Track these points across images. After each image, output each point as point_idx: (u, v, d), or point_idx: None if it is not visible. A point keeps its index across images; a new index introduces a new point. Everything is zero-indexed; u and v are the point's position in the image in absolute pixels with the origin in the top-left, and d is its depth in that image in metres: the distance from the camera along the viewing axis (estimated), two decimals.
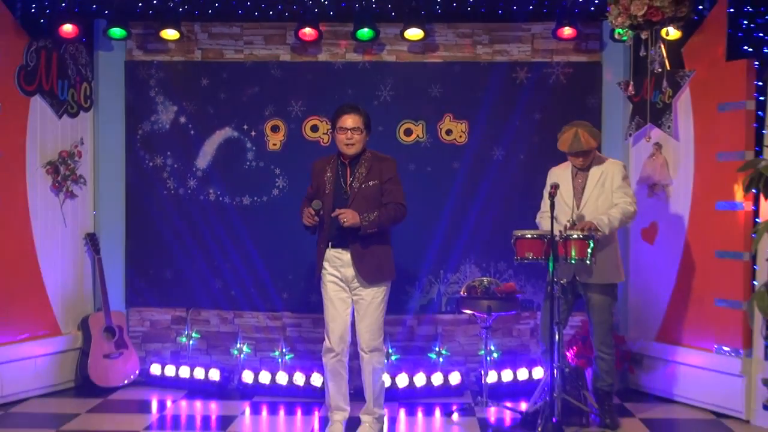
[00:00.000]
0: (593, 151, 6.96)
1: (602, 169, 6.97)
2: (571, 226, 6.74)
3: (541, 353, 7.30)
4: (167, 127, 8.50)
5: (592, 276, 6.90)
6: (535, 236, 6.72)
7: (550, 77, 8.38)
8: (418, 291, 8.34)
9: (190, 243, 8.45)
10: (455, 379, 8.05)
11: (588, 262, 6.61)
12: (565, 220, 6.81)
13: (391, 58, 8.43)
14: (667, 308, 7.90)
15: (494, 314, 7.43)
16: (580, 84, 8.37)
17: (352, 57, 8.44)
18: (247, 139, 8.44)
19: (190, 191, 8.49)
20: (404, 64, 8.42)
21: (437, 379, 8.00)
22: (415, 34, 8.11)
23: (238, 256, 8.42)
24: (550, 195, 6.62)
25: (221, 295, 8.48)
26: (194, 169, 8.49)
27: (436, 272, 8.38)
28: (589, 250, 6.57)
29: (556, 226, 6.62)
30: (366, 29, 8.09)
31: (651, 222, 8.05)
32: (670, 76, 7.55)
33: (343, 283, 6.64)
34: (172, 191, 8.50)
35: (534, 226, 7.18)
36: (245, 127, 8.44)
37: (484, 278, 7.68)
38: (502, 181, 8.33)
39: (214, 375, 8.13)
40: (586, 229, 6.57)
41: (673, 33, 7.05)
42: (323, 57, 8.46)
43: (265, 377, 8.05)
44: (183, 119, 8.49)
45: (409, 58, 8.43)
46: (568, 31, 8.10)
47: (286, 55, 8.47)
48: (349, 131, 6.55)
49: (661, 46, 7.05)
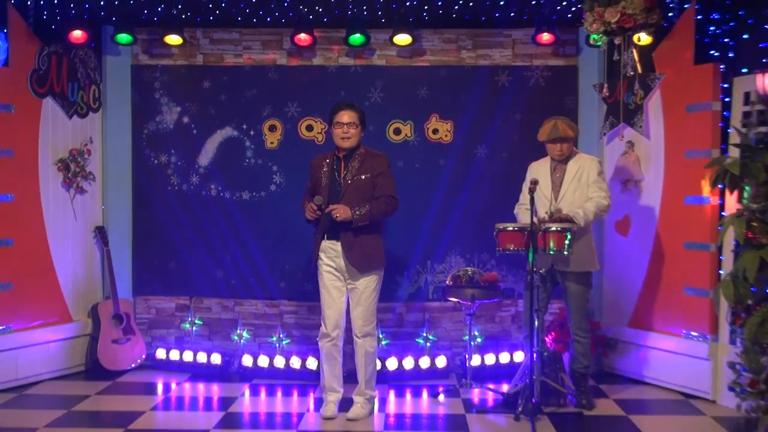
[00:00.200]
0: (570, 142, 7.01)
1: (579, 164, 7.01)
2: (549, 217, 6.80)
3: (524, 338, 7.35)
4: (171, 126, 8.53)
5: (569, 265, 6.95)
6: (516, 229, 6.76)
7: (530, 80, 8.42)
8: (407, 280, 8.38)
9: (192, 235, 8.48)
10: (441, 362, 8.09)
11: (566, 252, 6.66)
12: (543, 211, 6.88)
13: (381, 62, 8.46)
14: (639, 296, 7.94)
15: (478, 302, 7.48)
16: (558, 86, 8.41)
17: (345, 61, 8.47)
18: (246, 138, 8.47)
19: (192, 187, 8.52)
20: (393, 68, 8.44)
21: (425, 363, 8.04)
22: (403, 39, 8.16)
23: (238, 248, 8.44)
24: (530, 191, 6.66)
25: (222, 284, 8.50)
26: (197, 166, 8.51)
27: (424, 263, 8.42)
28: (567, 242, 6.62)
29: (535, 218, 6.69)
30: (358, 35, 8.12)
31: (624, 215, 8.09)
32: (641, 79, 7.61)
33: (338, 273, 6.70)
34: (176, 187, 8.53)
35: (514, 218, 7.25)
36: (244, 127, 8.47)
37: (469, 268, 7.72)
38: (485, 178, 8.38)
39: (216, 359, 8.16)
40: (563, 221, 6.64)
41: (644, 39, 7.10)
42: (317, 61, 8.48)
43: (263, 361, 8.08)
44: (186, 119, 8.51)
45: (398, 62, 8.45)
46: (546, 37, 8.14)
47: (282, 59, 8.50)
48: (345, 126, 6.61)
49: (633, 51, 7.11)
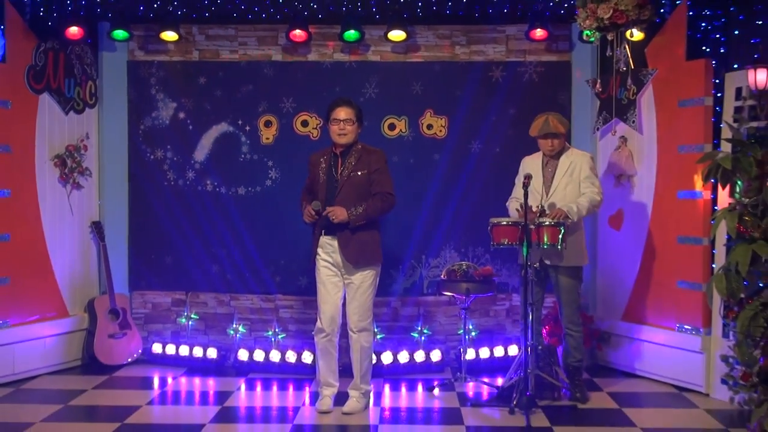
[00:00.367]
0: (562, 137, 7.00)
1: (571, 160, 7.01)
2: (541, 212, 6.78)
3: (521, 331, 7.34)
4: (167, 122, 8.49)
5: (559, 259, 6.95)
6: (510, 223, 6.76)
7: (524, 76, 8.40)
8: (402, 275, 8.36)
9: (188, 230, 8.45)
10: (436, 356, 8.08)
11: (559, 247, 6.65)
12: (535, 206, 6.86)
13: (376, 58, 8.44)
14: (632, 290, 7.94)
15: (472, 296, 7.47)
16: (551, 82, 8.39)
17: (340, 57, 8.44)
18: (241, 134, 8.44)
19: (188, 182, 8.49)
20: (388, 64, 8.42)
21: (419, 357, 8.03)
22: (397, 35, 8.13)
23: (234, 243, 8.41)
24: (524, 185, 6.65)
25: (218, 278, 8.48)
26: (192, 162, 8.48)
27: (419, 257, 8.40)
28: (560, 236, 6.61)
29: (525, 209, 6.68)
30: (352, 31, 8.10)
31: (617, 210, 8.08)
32: (634, 75, 7.61)
33: (335, 268, 6.69)
34: (172, 182, 8.50)
35: (507, 212, 7.23)
36: (240, 123, 8.44)
37: (463, 262, 7.70)
38: (480, 173, 8.36)
39: (212, 353, 8.15)
40: (558, 216, 6.63)
41: (637, 34, 7.06)
42: (312, 57, 8.46)
43: (259, 355, 8.07)
44: (182, 115, 8.48)
45: (393, 58, 8.43)
46: (539, 33, 8.12)
47: (277, 55, 8.47)
48: (342, 122, 6.60)
49: (626, 47, 7.07)
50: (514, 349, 8.10)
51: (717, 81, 7.22)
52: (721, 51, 7.26)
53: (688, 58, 7.38)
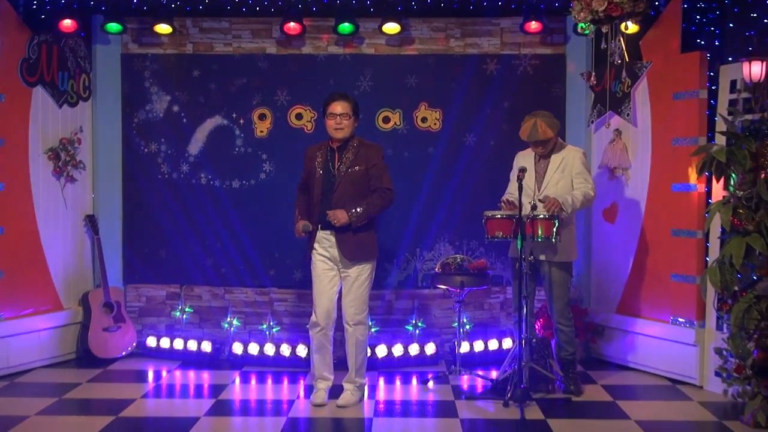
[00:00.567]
0: (551, 140, 6.99)
1: (563, 156, 7.01)
2: (533, 207, 6.76)
3: (514, 324, 7.34)
4: (161, 115, 8.48)
5: (549, 254, 6.96)
6: (505, 216, 6.76)
7: (518, 68, 8.39)
8: (396, 268, 8.36)
9: (183, 224, 8.43)
10: (431, 349, 8.09)
11: (553, 240, 6.66)
12: (527, 202, 6.85)
13: (370, 51, 8.42)
14: (626, 283, 7.94)
15: (467, 289, 7.49)
16: (546, 75, 8.39)
17: (334, 50, 8.43)
18: (235, 127, 8.43)
19: (182, 175, 8.47)
20: (382, 57, 8.41)
21: (414, 350, 8.03)
22: (392, 28, 8.12)
23: (228, 236, 8.40)
24: (518, 179, 6.65)
25: (212, 272, 8.47)
26: (186, 155, 8.46)
27: (413, 250, 8.40)
28: (555, 229, 6.62)
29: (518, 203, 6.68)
30: (346, 24, 8.09)
31: (612, 203, 8.08)
32: (628, 67, 7.59)
33: (332, 263, 6.69)
34: (166, 175, 8.48)
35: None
36: (234, 116, 8.42)
37: (458, 255, 7.72)
38: (474, 166, 8.36)
39: (206, 347, 8.15)
40: (553, 208, 6.62)
41: (631, 27, 7.08)
42: (307, 50, 8.44)
43: (253, 348, 8.07)
44: (176, 108, 8.46)
45: (387, 51, 8.42)
46: (534, 26, 8.11)
47: (272, 48, 8.46)
48: (338, 117, 6.58)
49: (621, 40, 7.08)
50: (508, 342, 8.11)
51: (711, 74, 7.22)
52: (716, 43, 7.27)
53: (683, 51, 7.37)
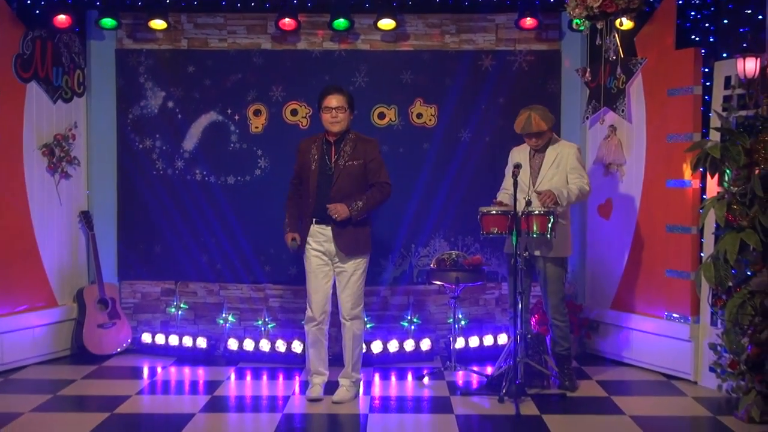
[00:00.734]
0: (545, 133, 6.99)
1: (557, 151, 7.01)
2: (528, 203, 6.76)
3: (509, 320, 7.35)
4: (156, 111, 8.47)
5: (546, 250, 6.97)
6: (500, 212, 6.76)
7: (513, 64, 8.40)
8: (392, 264, 8.37)
9: (178, 220, 8.43)
10: (426, 345, 8.10)
11: (549, 236, 6.66)
12: (522, 197, 6.85)
13: (366, 47, 8.42)
14: (621, 278, 7.95)
15: (462, 285, 7.49)
16: (541, 71, 8.40)
17: (329, 45, 8.42)
18: (230, 123, 8.42)
19: (177, 171, 8.47)
20: (377, 53, 8.41)
21: (409, 346, 8.04)
22: (387, 24, 8.12)
23: (223, 232, 8.40)
24: (513, 174, 6.66)
25: (208, 268, 8.47)
26: (181, 151, 8.46)
27: (408, 246, 8.40)
28: (550, 225, 6.62)
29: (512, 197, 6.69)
30: (342, 19, 8.08)
31: (606, 199, 8.10)
32: (623, 64, 7.62)
33: (326, 257, 6.69)
34: (161, 171, 8.48)
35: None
36: (229, 112, 8.42)
37: (453, 252, 7.72)
38: (469, 162, 8.37)
39: (201, 343, 8.15)
40: (548, 201, 6.63)
41: (626, 23, 7.10)
42: (302, 45, 8.44)
43: (249, 344, 8.07)
44: (171, 104, 8.46)
45: (382, 47, 8.42)
46: (529, 22, 8.12)
47: (267, 44, 8.45)
48: (334, 110, 6.59)
49: (615, 36, 7.11)
50: (503, 338, 8.12)
51: (706, 70, 7.23)
52: (710, 40, 7.27)
53: (678, 47, 7.38)
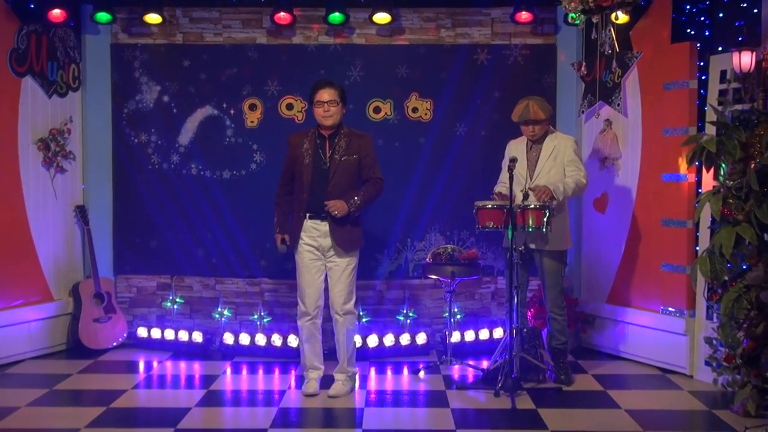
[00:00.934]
0: (542, 123, 6.99)
1: (555, 144, 7.02)
2: (525, 196, 6.77)
3: (506, 314, 7.35)
4: (151, 105, 8.46)
5: (543, 243, 6.97)
6: (495, 206, 6.77)
7: (509, 58, 8.40)
8: (387, 258, 8.37)
9: (173, 214, 8.43)
10: (422, 339, 8.10)
11: (544, 230, 6.68)
12: (519, 190, 6.86)
13: (361, 41, 8.42)
14: (617, 272, 7.97)
15: (458, 279, 7.49)
16: (537, 65, 8.40)
17: (324, 40, 8.42)
18: (226, 117, 8.42)
19: (173, 166, 8.46)
20: (373, 47, 8.41)
21: (405, 340, 8.05)
22: (382, 18, 8.12)
23: (219, 227, 8.40)
24: (509, 169, 6.66)
25: (203, 262, 8.47)
26: (177, 145, 8.45)
27: (404, 240, 8.41)
28: (545, 219, 6.64)
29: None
30: (337, 13, 8.08)
31: (602, 193, 8.10)
32: (619, 58, 7.60)
33: (319, 252, 6.69)
34: (157, 166, 8.47)
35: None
36: (224, 106, 8.41)
37: (449, 246, 7.71)
38: (465, 156, 8.37)
39: (197, 337, 8.15)
40: (544, 196, 6.64)
41: (621, 17, 7.09)
42: (297, 40, 8.43)
43: (244, 339, 8.07)
44: (166, 98, 8.45)
45: (378, 41, 8.41)
46: (525, 16, 8.12)
47: (262, 38, 8.44)
48: (326, 104, 6.59)
49: (611, 30, 7.09)
50: (499, 332, 8.13)
51: (701, 64, 7.23)
52: (706, 34, 7.27)
53: (673, 41, 7.39)
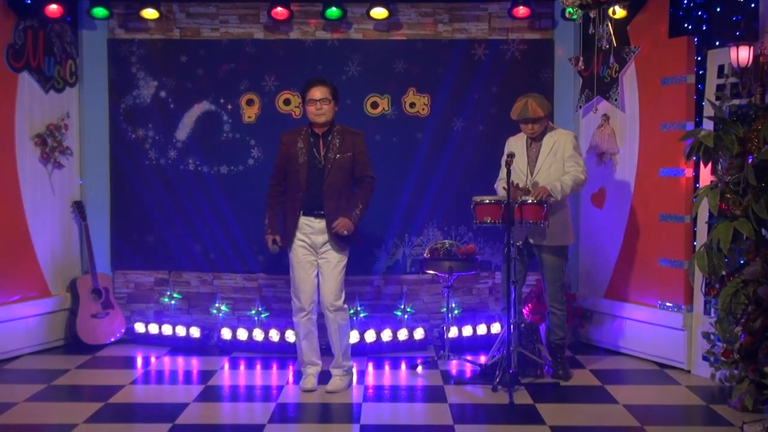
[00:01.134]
0: (542, 120, 6.98)
1: (554, 139, 7.01)
2: (525, 192, 6.79)
3: (501, 310, 7.36)
4: (148, 101, 8.45)
5: (545, 238, 6.97)
6: (493, 202, 6.78)
7: (506, 53, 8.39)
8: (385, 253, 8.37)
9: (171, 210, 8.42)
10: (419, 334, 8.11)
11: (541, 224, 6.69)
12: (521, 183, 6.86)
13: (358, 36, 8.41)
14: (614, 267, 7.97)
15: (455, 274, 7.49)
16: (534, 60, 8.39)
17: (322, 35, 8.41)
18: (223, 113, 8.41)
19: (170, 161, 8.45)
20: (370, 42, 8.40)
21: (403, 335, 8.05)
22: (380, 13, 8.10)
23: (217, 222, 8.39)
24: (506, 164, 6.66)
25: (201, 258, 8.47)
26: (174, 141, 8.44)
27: (402, 236, 8.41)
28: (543, 214, 6.64)
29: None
30: (334, 8, 8.05)
31: (600, 188, 8.10)
32: (616, 52, 7.60)
33: (311, 248, 6.71)
34: (154, 161, 8.46)
35: (493, 192, 7.23)
36: (222, 101, 8.40)
37: (446, 241, 7.71)
38: (462, 151, 8.37)
39: (195, 332, 8.16)
40: (542, 195, 6.65)
41: (619, 12, 7.09)
42: (294, 35, 8.42)
43: (242, 334, 8.07)
44: (163, 94, 8.44)
45: (375, 36, 8.40)
46: (522, 11, 8.11)
47: (259, 33, 8.43)
48: (318, 102, 6.58)
49: (608, 25, 7.10)
50: (496, 327, 8.14)
51: (699, 58, 7.23)
52: (703, 28, 7.26)
53: (671, 36, 7.39)
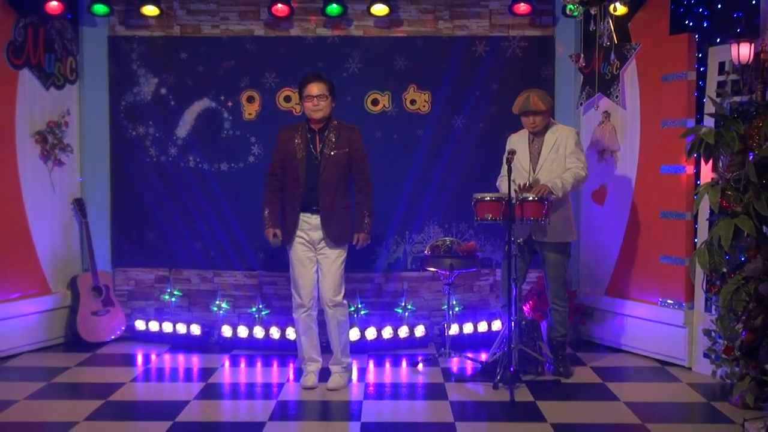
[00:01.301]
0: (543, 114, 6.97)
1: (556, 135, 7.00)
2: (526, 188, 6.78)
3: (501, 307, 7.36)
4: (149, 98, 8.44)
5: (547, 235, 6.96)
6: (494, 199, 6.77)
7: (507, 50, 8.38)
8: (386, 250, 8.37)
9: (171, 207, 8.42)
10: (420, 332, 8.10)
11: (542, 222, 6.68)
12: (522, 183, 6.85)
13: (359, 33, 8.40)
14: (615, 265, 7.97)
15: (456, 271, 7.48)
16: (535, 57, 8.38)
17: (322, 32, 8.40)
18: (224, 110, 8.40)
19: (171, 158, 8.45)
20: (371, 39, 8.39)
21: (403, 332, 8.05)
22: (380, 9, 8.10)
23: (217, 219, 8.39)
24: (507, 161, 6.66)
25: (201, 255, 8.47)
26: (175, 138, 8.44)
27: (402, 233, 8.40)
28: (544, 211, 6.63)
29: (514, 186, 6.69)
30: (335, 5, 8.06)
31: (601, 185, 8.10)
32: (617, 49, 7.60)
33: (310, 245, 6.71)
34: (154, 159, 8.46)
35: (494, 189, 7.22)
36: (222, 98, 8.40)
37: (447, 238, 7.71)
38: (463, 148, 8.36)
39: (195, 330, 8.15)
40: (542, 192, 6.64)
41: (620, 9, 7.09)
42: (295, 32, 8.41)
43: (243, 331, 8.07)
44: (163, 91, 8.43)
45: (376, 33, 8.39)
46: (523, 7, 8.11)
47: (260, 30, 8.42)
48: (315, 98, 6.59)
49: (609, 21, 7.09)
50: (497, 324, 8.12)
51: (700, 55, 7.22)
52: (704, 25, 7.26)
53: (672, 33, 7.38)
